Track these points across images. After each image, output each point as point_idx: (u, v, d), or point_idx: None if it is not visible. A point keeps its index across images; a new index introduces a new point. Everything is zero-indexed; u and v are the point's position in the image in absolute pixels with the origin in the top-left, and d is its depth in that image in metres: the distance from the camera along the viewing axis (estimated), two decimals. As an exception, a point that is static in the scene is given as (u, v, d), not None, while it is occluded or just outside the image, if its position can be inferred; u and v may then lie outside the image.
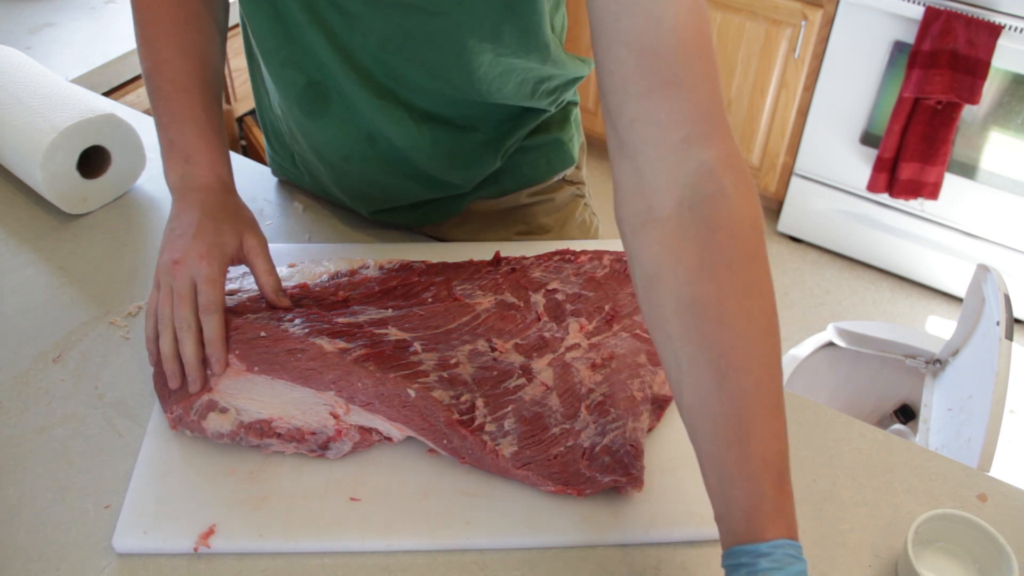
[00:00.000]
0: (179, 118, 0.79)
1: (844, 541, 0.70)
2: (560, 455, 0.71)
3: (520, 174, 0.97)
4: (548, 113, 0.94)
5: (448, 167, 0.89)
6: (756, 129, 2.46)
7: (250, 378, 0.72)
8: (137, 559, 0.67)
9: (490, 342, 0.78)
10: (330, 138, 0.87)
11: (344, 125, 0.85)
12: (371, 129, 0.85)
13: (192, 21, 0.82)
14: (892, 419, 1.61)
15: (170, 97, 0.80)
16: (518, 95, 0.86)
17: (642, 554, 0.68)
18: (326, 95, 0.83)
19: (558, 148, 0.98)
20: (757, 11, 2.26)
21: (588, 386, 0.76)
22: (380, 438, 0.73)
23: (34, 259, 0.94)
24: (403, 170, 0.89)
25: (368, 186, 0.92)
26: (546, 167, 0.99)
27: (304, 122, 0.87)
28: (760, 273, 0.57)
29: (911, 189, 2.21)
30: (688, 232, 0.57)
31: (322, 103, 0.84)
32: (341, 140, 0.87)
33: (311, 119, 0.86)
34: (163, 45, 0.81)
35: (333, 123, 0.85)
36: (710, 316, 0.56)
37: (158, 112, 0.80)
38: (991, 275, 1.29)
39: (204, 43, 0.83)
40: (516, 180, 0.98)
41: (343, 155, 0.88)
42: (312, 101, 0.84)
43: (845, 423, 0.79)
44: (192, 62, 0.81)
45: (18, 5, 1.56)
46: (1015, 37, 1.95)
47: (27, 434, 0.76)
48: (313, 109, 0.84)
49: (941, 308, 2.40)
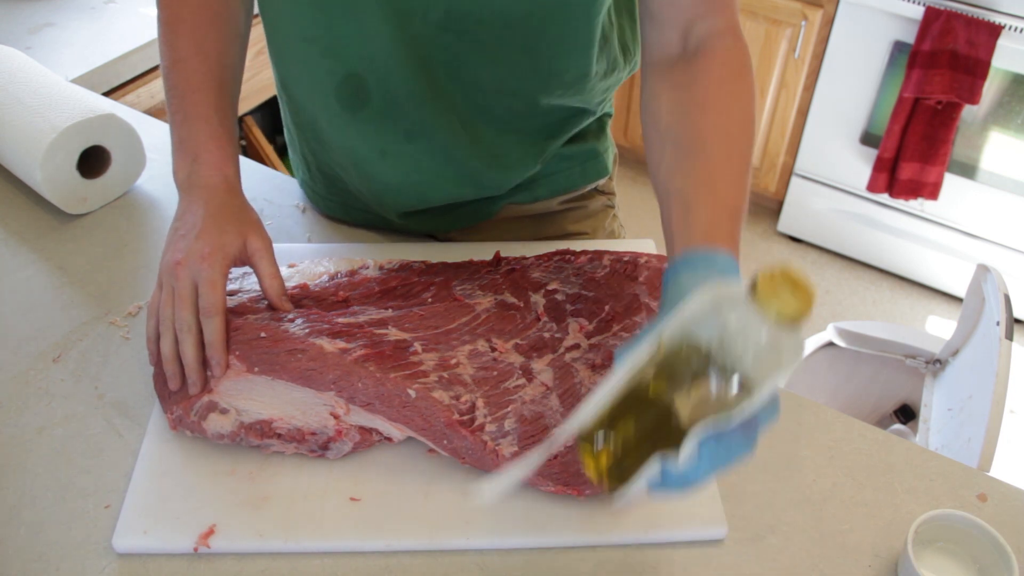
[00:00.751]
0: (191, 116, 0.79)
1: (844, 541, 0.70)
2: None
3: (555, 181, 0.97)
4: (591, 118, 0.94)
5: (487, 167, 0.89)
6: (756, 129, 2.46)
7: (250, 379, 0.72)
8: (137, 559, 0.67)
9: (490, 342, 0.78)
10: (368, 132, 0.85)
11: (383, 119, 0.83)
12: (410, 124, 0.84)
13: (213, 22, 0.82)
14: (892, 419, 1.61)
15: (184, 95, 0.80)
16: (576, 86, 0.86)
17: (642, 554, 0.68)
18: (366, 87, 0.81)
19: (593, 158, 0.99)
20: (757, 11, 2.26)
21: (588, 386, 0.76)
22: (380, 438, 0.73)
23: (34, 259, 0.94)
24: (440, 168, 0.88)
25: (402, 183, 0.90)
26: (580, 176, 0.99)
27: (339, 116, 0.85)
28: (745, 89, 0.72)
29: (911, 189, 2.21)
30: (690, 64, 0.72)
31: (362, 95, 0.82)
32: (378, 135, 0.85)
33: (348, 112, 0.84)
34: (182, 44, 0.81)
35: (372, 116, 0.83)
36: (696, 106, 0.70)
37: (171, 109, 0.80)
38: (991, 275, 1.29)
39: (223, 44, 0.83)
40: (551, 187, 0.98)
41: (380, 149, 0.86)
42: (351, 94, 0.82)
43: (845, 423, 0.79)
44: (208, 62, 0.81)
45: (18, 5, 1.56)
46: (1015, 37, 1.95)
47: (27, 434, 0.76)
48: (352, 102, 0.83)
49: (941, 308, 2.41)
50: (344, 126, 0.86)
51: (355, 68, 0.80)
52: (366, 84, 0.81)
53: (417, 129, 0.84)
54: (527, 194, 0.97)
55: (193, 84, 0.80)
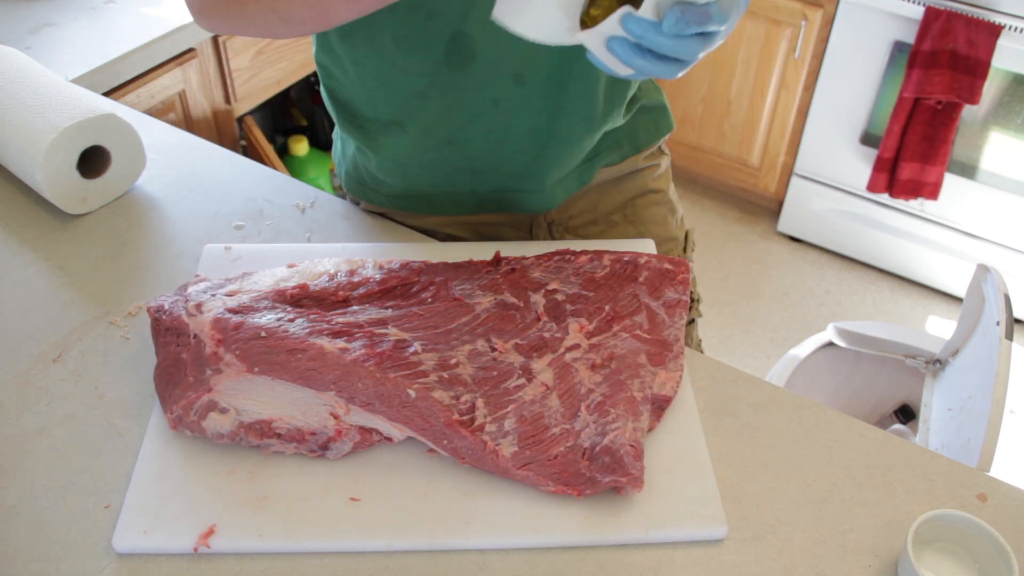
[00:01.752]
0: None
1: (844, 541, 0.70)
2: (560, 455, 0.71)
3: (637, 137, 1.02)
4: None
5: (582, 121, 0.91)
6: (756, 129, 2.46)
7: (250, 378, 0.72)
8: (137, 559, 0.67)
9: (490, 342, 0.78)
10: (477, 86, 0.86)
11: (491, 70, 0.84)
12: (518, 69, 0.85)
13: None
14: (892, 419, 1.61)
15: None
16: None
17: (642, 554, 0.68)
18: (472, 44, 0.82)
19: (662, 111, 1.04)
20: (757, 11, 2.26)
21: (588, 386, 0.76)
22: (380, 438, 0.73)
23: (34, 259, 0.94)
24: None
25: (519, 133, 0.90)
26: (655, 130, 1.04)
27: (447, 76, 0.85)
28: None
29: (911, 189, 2.21)
30: None
31: (469, 51, 0.83)
32: (487, 89, 0.86)
33: (457, 70, 0.84)
34: None
35: (481, 70, 0.84)
36: None
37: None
38: (991, 275, 1.29)
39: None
40: (634, 143, 1.02)
41: (492, 99, 0.87)
42: (458, 52, 0.83)
43: (845, 423, 0.79)
44: None
45: (18, 5, 1.56)
46: (1015, 37, 1.95)
47: (27, 434, 0.76)
48: (458, 60, 0.84)
49: (941, 308, 2.41)
50: (454, 84, 0.85)
51: (459, 27, 0.81)
52: (472, 40, 0.82)
53: (524, 75, 0.85)
54: (616, 153, 1.00)
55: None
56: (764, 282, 2.46)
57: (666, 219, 1.07)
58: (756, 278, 2.48)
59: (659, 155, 1.06)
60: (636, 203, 1.04)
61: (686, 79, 2.48)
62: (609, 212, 1.03)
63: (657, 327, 0.82)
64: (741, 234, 2.61)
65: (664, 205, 1.07)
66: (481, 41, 0.82)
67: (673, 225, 1.08)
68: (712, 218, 2.66)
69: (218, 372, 0.72)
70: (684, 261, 0.88)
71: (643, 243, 0.95)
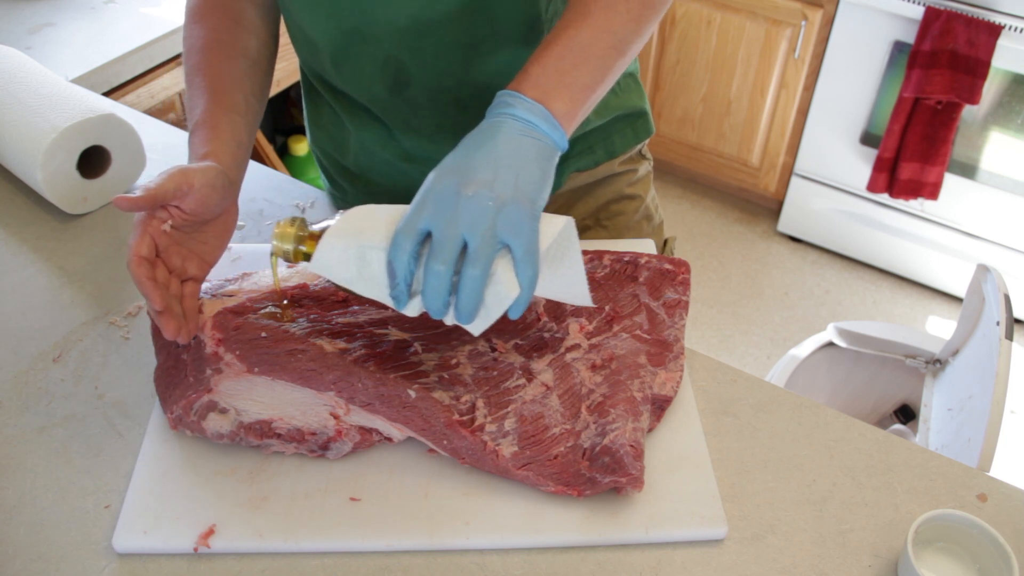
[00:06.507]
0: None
1: (844, 541, 0.70)
2: (560, 455, 0.71)
3: (611, 143, 1.00)
4: None
5: None
6: (756, 129, 2.46)
7: (250, 379, 0.72)
8: (137, 559, 0.67)
9: (490, 342, 0.78)
10: (419, 111, 0.87)
11: (430, 95, 0.86)
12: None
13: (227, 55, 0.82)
14: (892, 419, 1.61)
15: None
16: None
17: (642, 554, 0.68)
18: (405, 69, 0.84)
19: (641, 116, 1.02)
20: (757, 11, 2.26)
21: (588, 387, 0.76)
22: (380, 438, 0.73)
23: (34, 259, 0.94)
24: None
25: None
26: (632, 135, 1.01)
27: (386, 100, 0.87)
28: None
29: (911, 189, 2.21)
30: None
31: (405, 76, 0.85)
32: (430, 114, 0.87)
33: (395, 95, 0.86)
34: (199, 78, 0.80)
35: (419, 94, 0.86)
36: None
37: None
38: (991, 275, 1.29)
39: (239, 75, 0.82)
40: (608, 149, 1.00)
41: (426, 135, 0.89)
42: (394, 76, 0.85)
43: (845, 423, 0.79)
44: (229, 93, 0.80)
45: (18, 5, 1.56)
46: (1015, 37, 1.95)
47: (27, 434, 0.76)
48: (395, 85, 0.85)
49: (941, 308, 2.41)
50: (393, 108, 0.88)
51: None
52: (405, 66, 0.83)
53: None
54: (589, 159, 0.99)
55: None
56: (764, 282, 2.46)
57: (640, 225, 1.06)
58: (756, 278, 2.48)
59: (638, 160, 1.05)
60: (610, 208, 1.03)
61: (686, 79, 2.49)
62: (582, 217, 1.02)
63: (657, 327, 0.82)
64: (741, 234, 2.61)
65: (639, 211, 1.05)
66: (412, 67, 0.83)
67: (647, 231, 1.07)
68: (712, 218, 2.66)
69: (218, 372, 0.72)
70: (684, 261, 0.88)
71: (643, 243, 0.95)
